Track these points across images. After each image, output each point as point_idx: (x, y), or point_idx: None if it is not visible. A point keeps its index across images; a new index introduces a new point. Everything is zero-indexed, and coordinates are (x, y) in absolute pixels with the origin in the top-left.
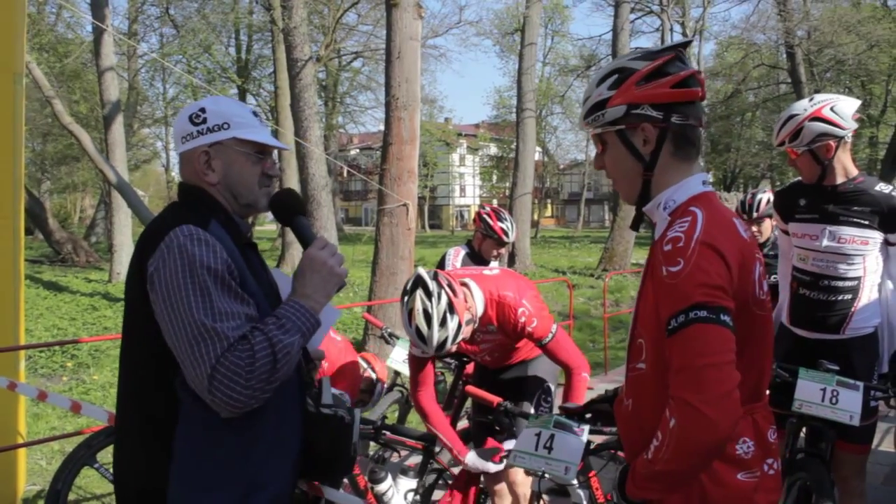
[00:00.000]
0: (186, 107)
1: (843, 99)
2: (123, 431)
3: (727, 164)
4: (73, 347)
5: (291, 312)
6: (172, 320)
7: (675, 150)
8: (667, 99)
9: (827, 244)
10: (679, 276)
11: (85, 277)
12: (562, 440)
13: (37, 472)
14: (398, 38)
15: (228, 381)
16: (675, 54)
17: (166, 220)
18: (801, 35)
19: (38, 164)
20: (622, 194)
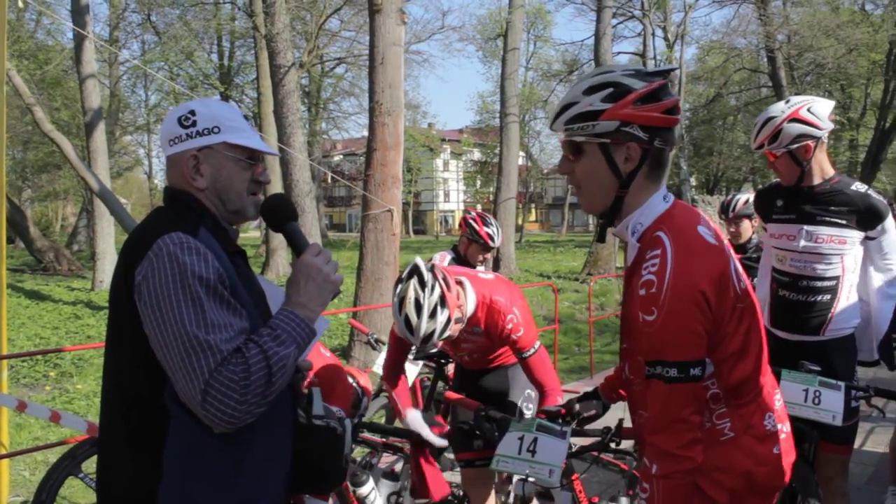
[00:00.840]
0: (175, 108)
1: (819, 100)
2: (108, 445)
3: (710, 168)
4: (57, 357)
5: (286, 323)
6: (163, 332)
7: (649, 172)
8: (657, 123)
9: (804, 244)
10: (653, 327)
11: (67, 286)
12: (545, 443)
13: (20, 484)
14: (381, 43)
15: (223, 395)
16: (666, 81)
17: (153, 226)
18: (782, 39)
19: (18, 172)
20: (586, 204)
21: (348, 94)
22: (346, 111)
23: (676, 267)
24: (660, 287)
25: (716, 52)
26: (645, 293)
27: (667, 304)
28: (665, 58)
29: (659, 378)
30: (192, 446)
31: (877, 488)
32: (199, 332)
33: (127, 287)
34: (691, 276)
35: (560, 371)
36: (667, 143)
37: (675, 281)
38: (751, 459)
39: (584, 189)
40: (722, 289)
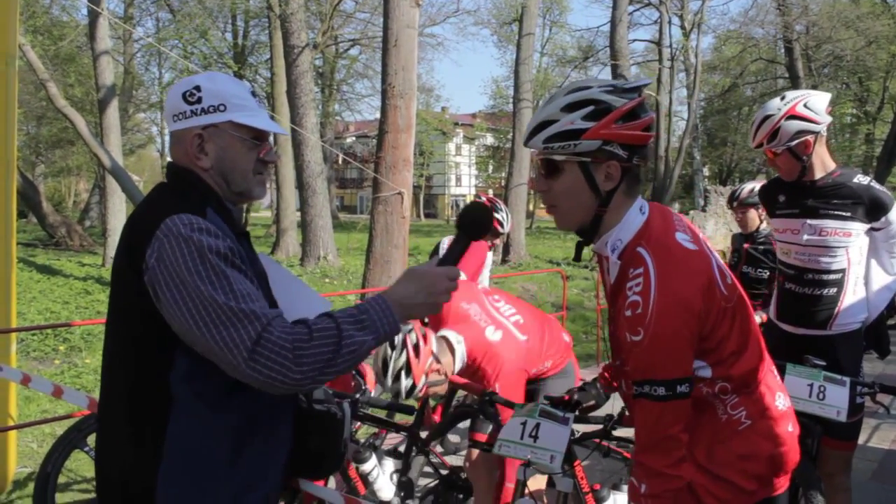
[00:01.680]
0: (180, 82)
1: (815, 94)
2: (108, 427)
3: (723, 159)
4: (66, 331)
5: (376, 311)
6: (192, 311)
7: (627, 189)
8: (637, 141)
9: (808, 238)
10: (640, 347)
11: (78, 261)
12: (547, 429)
13: (28, 455)
14: (395, 25)
15: (275, 355)
16: (643, 98)
17: (158, 207)
18: (800, 30)
19: (32, 147)
20: (563, 222)
21: (362, 75)
22: (359, 93)
23: (661, 285)
24: (645, 307)
25: (732, 41)
26: (631, 314)
27: (653, 324)
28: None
29: (647, 397)
30: (195, 431)
31: (880, 484)
32: (232, 303)
33: (132, 268)
34: (676, 290)
35: None
36: (643, 160)
37: (661, 299)
38: (771, 442)
39: (561, 207)
40: (709, 294)
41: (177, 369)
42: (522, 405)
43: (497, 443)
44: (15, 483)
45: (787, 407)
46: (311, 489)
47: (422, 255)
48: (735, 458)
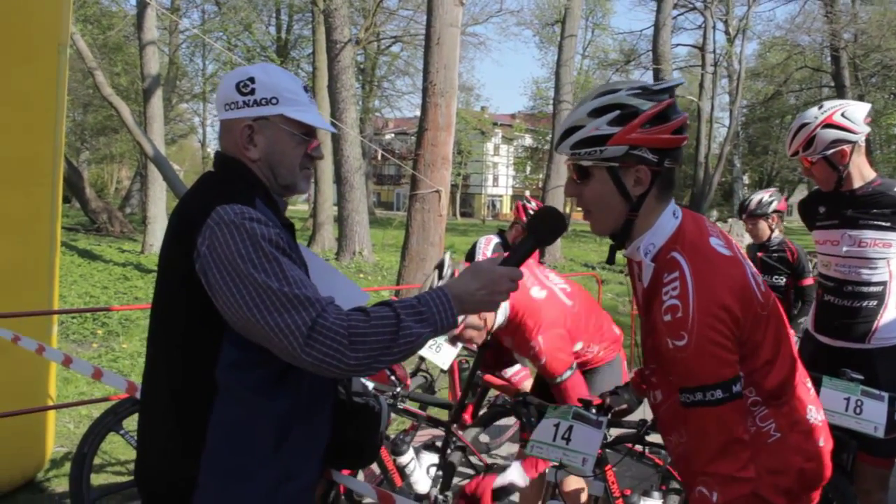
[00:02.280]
0: (234, 71)
1: (854, 103)
2: (152, 414)
3: (764, 167)
4: (105, 315)
5: (436, 303)
6: (247, 298)
7: (659, 193)
8: (667, 145)
9: (847, 249)
10: (686, 352)
11: (118, 247)
12: (580, 432)
13: (64, 435)
14: (438, 23)
15: (330, 340)
16: (674, 99)
17: (208, 195)
18: (848, 38)
19: (77, 134)
20: (596, 227)
21: (403, 72)
22: (399, 90)
23: (698, 286)
24: (686, 310)
25: (778, 48)
26: (671, 318)
27: (696, 326)
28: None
29: (703, 404)
30: (239, 419)
31: None
32: (287, 288)
33: (182, 256)
34: (714, 292)
35: None
36: (676, 162)
37: (700, 301)
38: (801, 456)
39: (594, 212)
40: (746, 299)
41: (223, 358)
42: (556, 406)
43: (529, 444)
44: (52, 462)
45: (819, 420)
46: (344, 480)
47: (457, 254)
48: (764, 472)
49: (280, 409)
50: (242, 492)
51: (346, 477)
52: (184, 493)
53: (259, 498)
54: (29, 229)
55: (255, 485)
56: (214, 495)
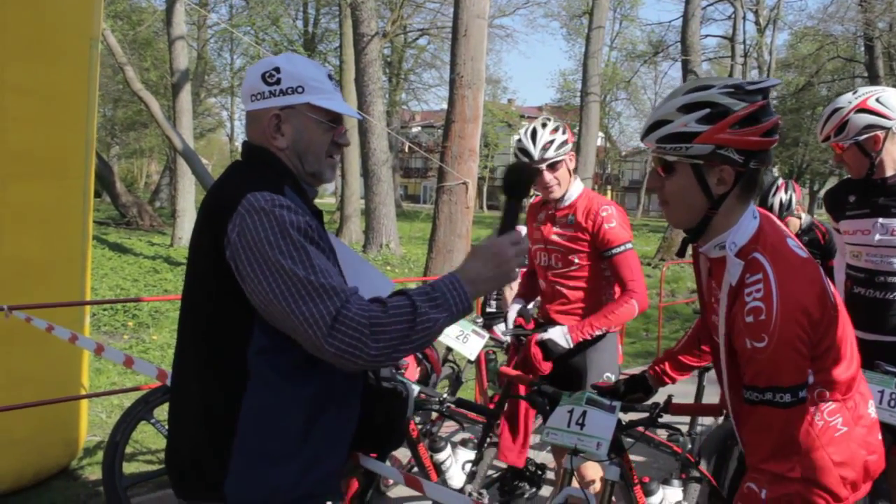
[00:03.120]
0: (259, 62)
1: (889, 90)
2: (183, 401)
3: (794, 159)
4: (135, 307)
5: (448, 289)
6: (273, 285)
7: (741, 194)
8: (755, 147)
9: (880, 238)
10: (765, 353)
11: (148, 241)
12: (594, 417)
13: (97, 424)
14: (465, 15)
15: (352, 331)
16: (767, 100)
17: (238, 183)
18: (883, 27)
19: (108, 128)
20: (673, 220)
21: (430, 65)
22: (426, 83)
23: (782, 290)
24: (769, 313)
25: (809, 38)
26: (753, 320)
27: (777, 330)
28: (755, 43)
29: (771, 405)
30: (271, 404)
31: None
32: (312, 277)
33: (213, 243)
34: (797, 297)
35: (626, 354)
36: (762, 164)
37: (783, 305)
38: (865, 450)
39: (672, 206)
40: (823, 301)
41: (254, 344)
42: (570, 393)
43: (545, 430)
44: (85, 451)
45: (876, 415)
46: (373, 465)
47: None
48: (833, 465)
49: (310, 394)
50: (273, 476)
51: (373, 461)
52: (215, 478)
53: (289, 482)
54: (61, 222)
55: (286, 469)
56: (245, 480)
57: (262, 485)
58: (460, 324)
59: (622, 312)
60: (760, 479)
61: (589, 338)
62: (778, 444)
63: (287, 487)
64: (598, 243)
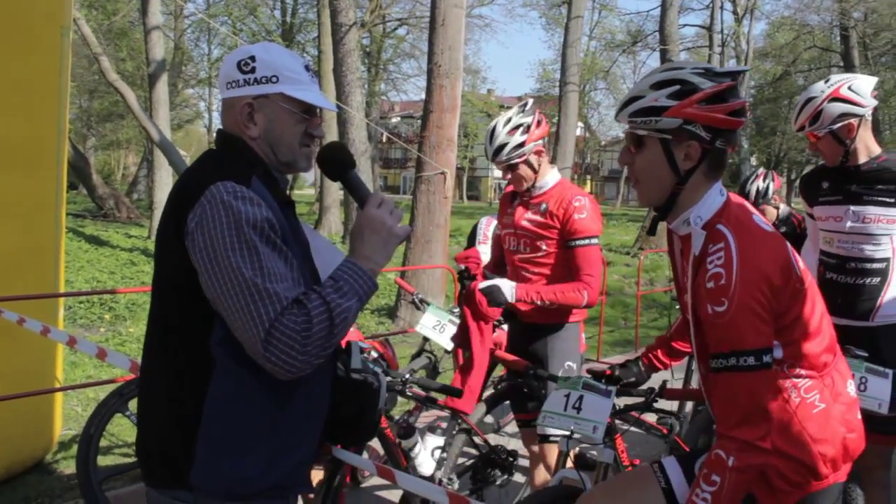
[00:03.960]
0: (236, 51)
1: (861, 77)
2: (150, 391)
3: (772, 148)
4: (111, 300)
5: (349, 275)
6: (219, 279)
7: (708, 171)
8: (721, 125)
9: (851, 225)
10: (725, 317)
11: (125, 233)
12: (590, 401)
13: (72, 418)
14: (443, 4)
15: (284, 345)
16: (735, 83)
17: (205, 172)
18: (858, 17)
19: (84, 120)
20: (643, 196)
21: (409, 55)
22: (405, 73)
23: (742, 256)
24: (728, 278)
25: (786, 28)
26: (714, 285)
27: (737, 294)
28: (732, 32)
29: (736, 369)
30: (235, 393)
31: None
32: (257, 279)
33: (177, 231)
34: (757, 263)
35: (605, 343)
36: (728, 144)
37: (743, 270)
38: (844, 427)
39: (642, 182)
40: (786, 272)
41: (216, 331)
42: (566, 378)
43: (541, 414)
44: (60, 444)
45: (856, 395)
46: (345, 457)
47: (462, 237)
48: (811, 441)
49: (275, 384)
50: (238, 466)
51: (346, 452)
52: (181, 466)
53: (255, 472)
54: (34, 213)
55: (252, 459)
56: (210, 470)
57: (228, 475)
58: (437, 314)
59: (570, 296)
60: (729, 446)
61: (530, 302)
62: (746, 410)
63: (254, 478)
64: (565, 232)
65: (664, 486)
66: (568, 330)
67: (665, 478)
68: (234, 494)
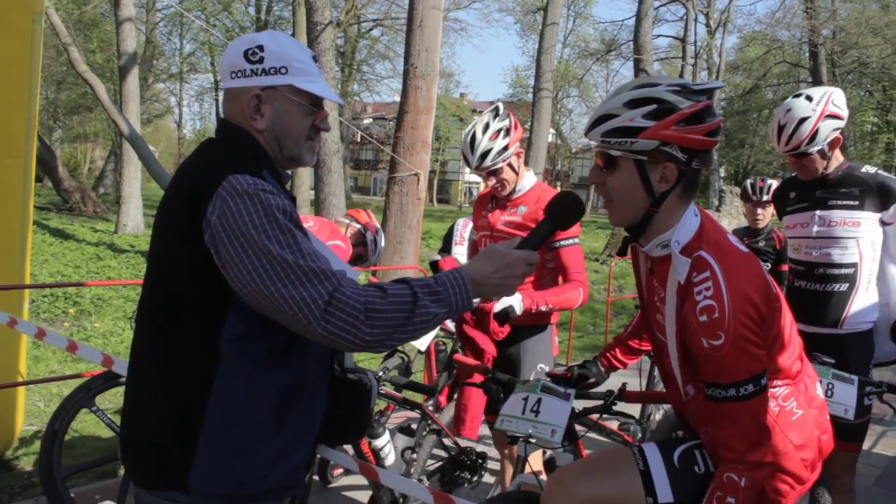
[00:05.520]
0: (241, 38)
1: (833, 89)
2: (143, 387)
3: (740, 160)
4: (76, 295)
5: (452, 285)
6: (260, 269)
7: (682, 192)
8: (698, 146)
9: (818, 230)
10: (723, 350)
11: (91, 227)
12: (549, 404)
13: (35, 414)
14: (421, 5)
15: (346, 314)
16: (712, 101)
17: (217, 164)
18: (826, 34)
19: (50, 112)
20: (615, 218)
21: (383, 56)
22: (378, 74)
23: (730, 286)
24: (721, 310)
25: (757, 42)
26: (707, 319)
27: (732, 326)
28: (705, 44)
29: (737, 399)
30: (242, 392)
31: (885, 491)
32: (302, 262)
33: (190, 226)
34: (744, 290)
35: (574, 348)
36: (704, 164)
37: (734, 301)
38: (819, 430)
39: (615, 203)
40: (766, 294)
41: (227, 331)
42: (524, 381)
43: (499, 418)
44: (21, 440)
45: (823, 396)
46: (329, 454)
47: (433, 240)
48: (794, 449)
49: (282, 383)
50: (240, 468)
51: (330, 450)
52: (178, 467)
53: (255, 475)
54: (1, 203)
55: (254, 460)
56: (211, 471)
57: (229, 477)
58: None
59: (569, 297)
60: (739, 468)
61: (535, 310)
62: (752, 433)
63: (254, 480)
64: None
65: (642, 468)
66: (542, 332)
67: (644, 461)
68: (235, 497)
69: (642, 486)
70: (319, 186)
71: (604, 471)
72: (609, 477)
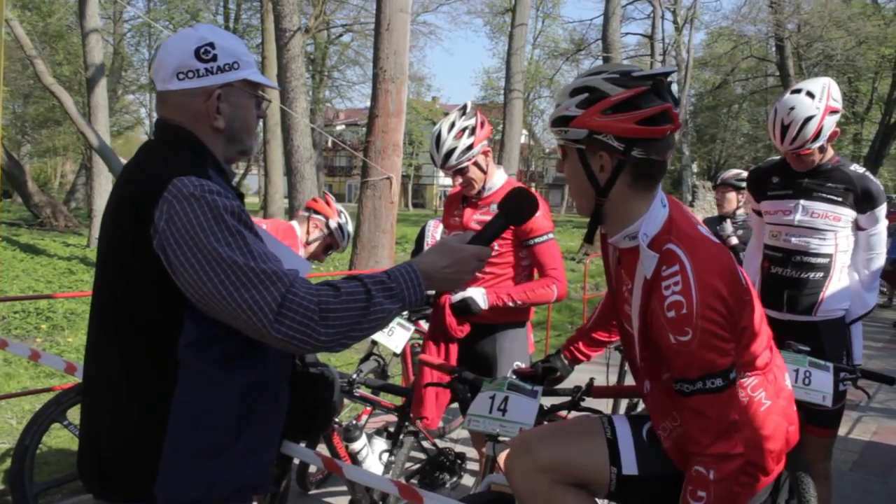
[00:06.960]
0: (184, 36)
1: (831, 82)
2: (102, 398)
3: (712, 155)
4: (48, 309)
5: (404, 279)
6: (210, 274)
7: (632, 182)
8: (629, 134)
9: (800, 219)
10: (690, 346)
11: (63, 241)
12: (516, 402)
13: (6, 431)
14: (388, 9)
15: (299, 316)
16: (652, 86)
17: (160, 166)
18: (792, 28)
19: (18, 126)
20: (577, 205)
21: (353, 62)
22: (350, 80)
23: (699, 281)
24: (689, 306)
25: (724, 38)
26: (675, 315)
27: (700, 322)
28: (673, 41)
29: (705, 392)
30: (204, 397)
31: (860, 475)
32: (253, 263)
33: (137, 230)
34: (713, 285)
35: (552, 347)
36: (650, 153)
37: (702, 296)
38: (786, 420)
39: (572, 192)
40: (735, 286)
41: (185, 334)
42: (491, 380)
43: (467, 417)
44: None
45: (791, 387)
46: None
47: (408, 244)
48: (761, 440)
49: (244, 384)
50: (208, 472)
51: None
52: (144, 477)
53: (225, 476)
54: None
55: (222, 461)
56: (179, 478)
57: (198, 482)
58: None
59: (541, 293)
60: (707, 461)
61: (502, 305)
62: (718, 427)
63: (223, 482)
64: (519, 232)
65: (609, 437)
66: (517, 330)
67: (612, 430)
68: (206, 501)
69: (608, 454)
70: (293, 194)
71: (570, 436)
72: (575, 442)
